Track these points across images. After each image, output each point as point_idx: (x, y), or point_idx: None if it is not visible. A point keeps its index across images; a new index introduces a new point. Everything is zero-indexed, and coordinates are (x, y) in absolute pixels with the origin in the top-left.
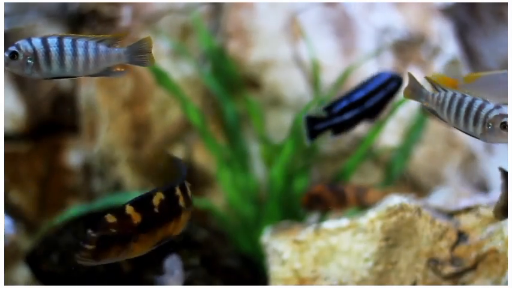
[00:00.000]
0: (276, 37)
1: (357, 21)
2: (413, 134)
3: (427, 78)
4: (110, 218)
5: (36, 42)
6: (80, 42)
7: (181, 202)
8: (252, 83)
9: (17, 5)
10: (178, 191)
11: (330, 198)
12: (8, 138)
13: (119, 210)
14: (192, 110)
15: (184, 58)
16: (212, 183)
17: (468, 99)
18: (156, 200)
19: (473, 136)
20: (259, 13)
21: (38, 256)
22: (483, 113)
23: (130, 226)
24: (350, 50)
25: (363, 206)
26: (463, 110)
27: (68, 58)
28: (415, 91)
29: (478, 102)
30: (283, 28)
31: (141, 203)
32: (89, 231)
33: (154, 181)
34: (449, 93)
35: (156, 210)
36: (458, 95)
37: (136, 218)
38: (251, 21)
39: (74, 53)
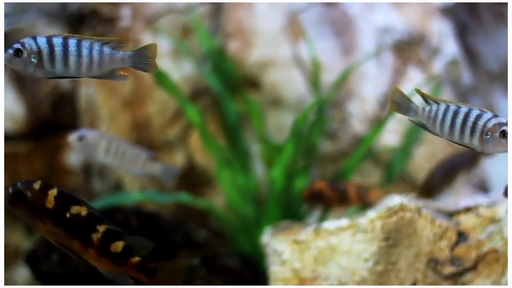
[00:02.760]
0: (276, 37)
1: (357, 21)
2: (413, 134)
3: (418, 91)
4: (36, 184)
5: (41, 41)
6: (85, 44)
7: (95, 238)
8: (252, 83)
9: (17, 5)
10: (101, 229)
11: (331, 196)
12: (8, 138)
13: (47, 185)
14: (191, 110)
15: (184, 58)
16: (212, 183)
17: (464, 109)
18: (76, 209)
19: (469, 147)
20: (259, 13)
21: (38, 256)
22: (481, 122)
23: (41, 205)
24: (350, 50)
25: (364, 205)
26: (458, 121)
27: (72, 59)
28: (402, 106)
29: (475, 113)
30: (283, 28)
31: (65, 198)
32: (22, 181)
33: None
34: (443, 106)
35: (68, 215)
36: (453, 107)
37: (50, 204)
38: (251, 21)
39: (79, 54)
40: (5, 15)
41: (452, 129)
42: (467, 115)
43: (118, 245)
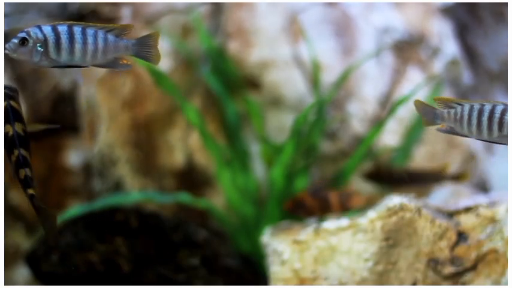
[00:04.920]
0: (276, 37)
1: (357, 21)
2: (413, 134)
3: (437, 99)
4: (5, 90)
5: (47, 29)
6: (90, 31)
7: (12, 159)
8: (252, 83)
9: (17, 5)
10: (16, 153)
11: (313, 204)
12: None
13: (8, 96)
14: (191, 110)
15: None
16: (212, 183)
17: (488, 107)
18: (6, 128)
19: (500, 143)
20: (259, 13)
21: (38, 256)
22: (507, 116)
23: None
24: (350, 50)
25: (347, 211)
26: (484, 119)
27: (77, 46)
28: (429, 116)
29: (500, 108)
30: (283, 28)
31: (6, 115)
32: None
33: None
34: (467, 106)
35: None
36: (477, 106)
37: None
38: (251, 21)
39: (84, 42)
40: (5, 15)
41: (480, 128)
42: (492, 112)
43: (22, 172)
